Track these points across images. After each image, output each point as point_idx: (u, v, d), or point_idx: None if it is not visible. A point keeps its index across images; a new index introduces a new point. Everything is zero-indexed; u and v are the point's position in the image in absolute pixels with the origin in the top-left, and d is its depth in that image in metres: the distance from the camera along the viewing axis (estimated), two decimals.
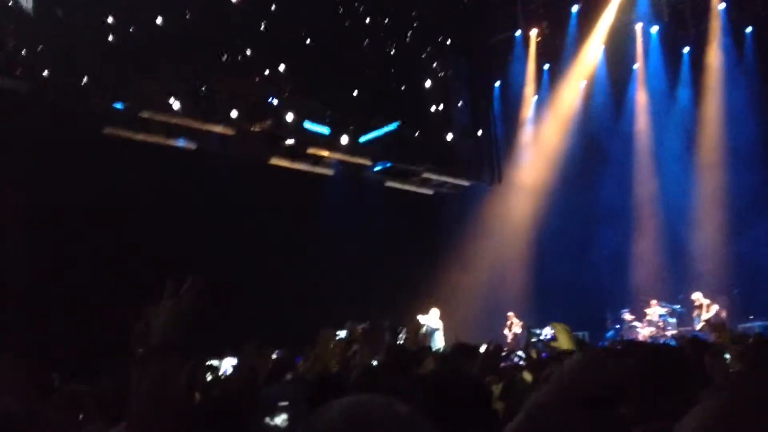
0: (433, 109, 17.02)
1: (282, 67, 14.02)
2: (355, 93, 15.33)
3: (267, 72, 13.96)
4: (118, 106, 12.11)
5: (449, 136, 17.17)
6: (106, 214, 11.05)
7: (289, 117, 14.02)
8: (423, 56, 16.95)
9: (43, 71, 11.21)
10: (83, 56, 11.58)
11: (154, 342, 1.71)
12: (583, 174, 17.50)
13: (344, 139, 14.99)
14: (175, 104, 12.56)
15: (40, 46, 11.18)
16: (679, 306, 15.13)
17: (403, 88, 16.28)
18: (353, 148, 15.14)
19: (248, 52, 13.75)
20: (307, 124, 14.33)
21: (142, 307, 1.75)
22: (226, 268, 11.88)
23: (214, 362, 4.12)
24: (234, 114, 13.29)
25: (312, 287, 12.88)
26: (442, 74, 17.47)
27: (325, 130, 14.68)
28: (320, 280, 13.11)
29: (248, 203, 12.94)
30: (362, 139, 15.31)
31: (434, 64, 17.13)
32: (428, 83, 16.92)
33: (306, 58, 14.27)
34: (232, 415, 2.19)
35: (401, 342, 5.14)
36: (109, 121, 11.99)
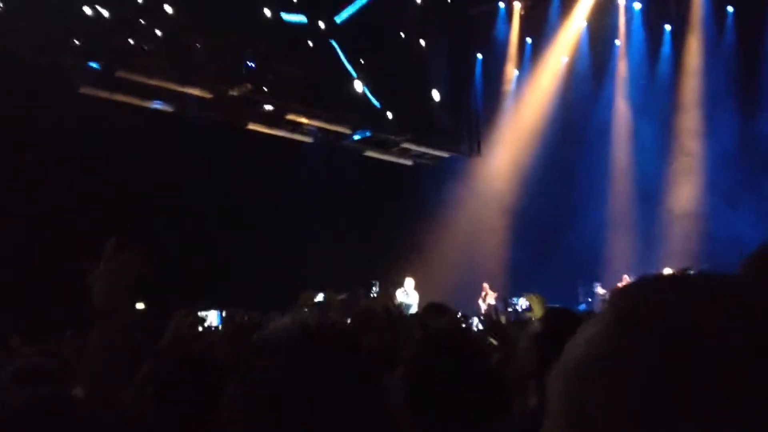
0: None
1: None
2: None
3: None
4: (94, 65, 11.86)
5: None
6: (81, 176, 10.88)
7: (267, 13, 13.89)
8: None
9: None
10: (57, 14, 11.26)
11: (95, 306, 1.72)
12: (562, 149, 17.59)
13: (321, 25, 14.90)
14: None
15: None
16: None
17: None
18: (331, 32, 15.06)
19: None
20: (284, 16, 14.24)
21: (86, 268, 1.75)
22: (202, 234, 11.82)
23: (202, 314, 4.16)
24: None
25: (289, 254, 12.86)
26: (424, 44, 17.27)
27: (302, 18, 14.61)
28: (297, 247, 13.08)
29: (226, 168, 12.81)
30: (339, 18, 15.23)
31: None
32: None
33: None
34: (205, 371, 2.11)
35: (373, 296, 5.15)
36: (85, 80, 11.75)
